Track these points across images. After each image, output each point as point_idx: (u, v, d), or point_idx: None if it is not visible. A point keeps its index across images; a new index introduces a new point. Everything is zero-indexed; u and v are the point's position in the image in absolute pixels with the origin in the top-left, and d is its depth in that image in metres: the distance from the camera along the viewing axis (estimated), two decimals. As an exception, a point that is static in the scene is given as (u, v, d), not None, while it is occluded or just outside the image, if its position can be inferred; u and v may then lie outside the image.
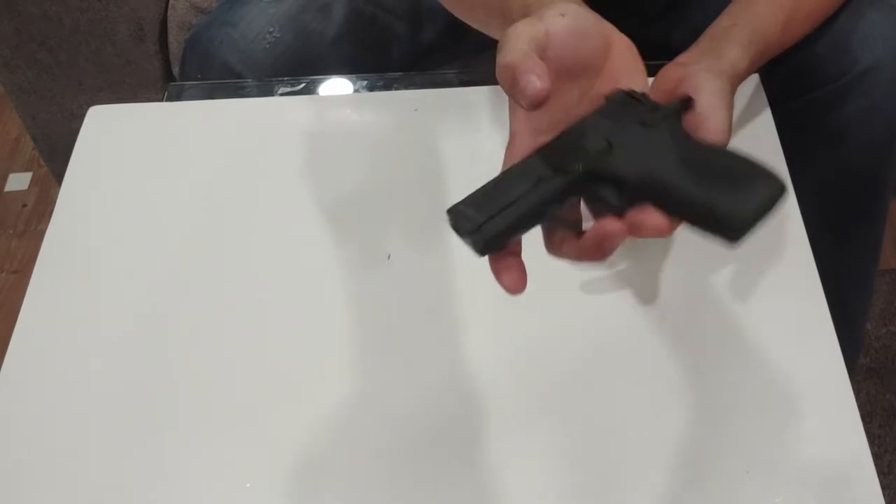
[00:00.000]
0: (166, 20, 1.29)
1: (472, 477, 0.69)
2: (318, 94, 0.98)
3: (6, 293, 1.66)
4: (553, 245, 0.54)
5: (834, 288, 0.79)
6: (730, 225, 0.47)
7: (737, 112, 0.90)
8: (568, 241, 0.53)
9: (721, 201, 0.47)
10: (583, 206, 0.54)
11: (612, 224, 0.50)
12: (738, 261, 0.79)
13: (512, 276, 0.52)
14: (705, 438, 0.70)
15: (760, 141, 0.87)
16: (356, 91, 0.98)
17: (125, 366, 0.77)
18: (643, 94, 0.54)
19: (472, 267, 0.80)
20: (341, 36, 1.02)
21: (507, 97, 0.54)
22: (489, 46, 0.87)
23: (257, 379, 0.75)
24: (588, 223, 0.53)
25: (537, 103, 0.49)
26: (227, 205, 0.87)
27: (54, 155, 1.45)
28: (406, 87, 0.98)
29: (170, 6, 1.28)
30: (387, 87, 0.98)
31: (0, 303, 1.65)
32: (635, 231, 0.50)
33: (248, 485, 0.69)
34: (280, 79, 0.98)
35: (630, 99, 0.53)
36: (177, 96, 1.00)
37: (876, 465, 0.67)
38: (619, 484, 0.68)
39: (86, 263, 0.83)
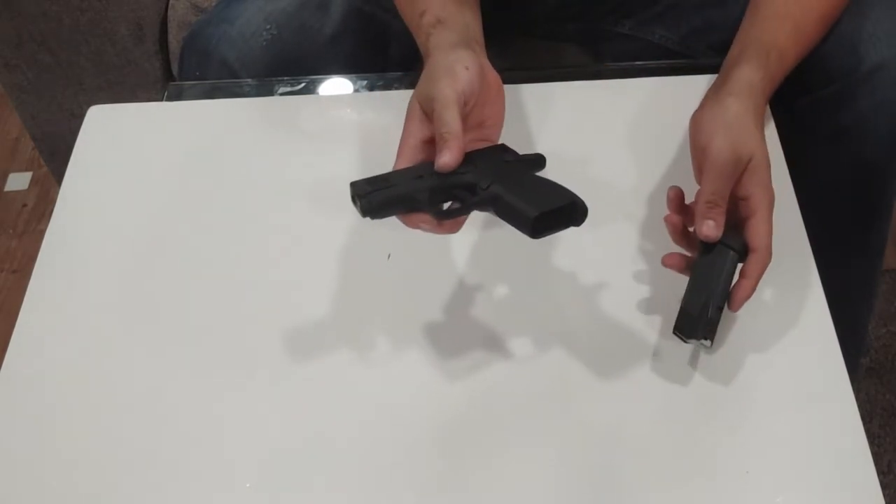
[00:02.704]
0: (166, 20, 1.29)
1: (471, 476, 0.69)
2: (318, 93, 0.98)
3: (6, 293, 1.66)
4: (411, 221, 0.71)
5: (839, 287, 0.78)
6: (523, 220, 0.67)
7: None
8: (428, 221, 0.70)
9: (522, 203, 0.67)
10: None
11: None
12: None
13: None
14: (705, 439, 0.70)
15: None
16: (356, 91, 0.97)
17: (125, 365, 0.76)
18: (511, 149, 0.76)
19: (472, 267, 0.81)
20: (339, 34, 1.02)
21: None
22: (487, 45, 0.87)
23: (257, 379, 0.75)
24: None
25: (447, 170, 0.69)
26: (227, 204, 0.87)
27: (54, 155, 1.45)
28: (406, 87, 0.98)
29: (170, 6, 1.27)
30: (387, 87, 0.97)
31: (0, 303, 1.65)
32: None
33: (247, 485, 0.69)
34: (280, 78, 0.98)
35: (502, 149, 0.76)
36: (176, 96, 1.00)
37: (876, 465, 0.67)
38: (620, 484, 0.68)
39: (86, 263, 0.83)
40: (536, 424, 0.71)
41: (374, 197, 0.67)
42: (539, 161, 0.77)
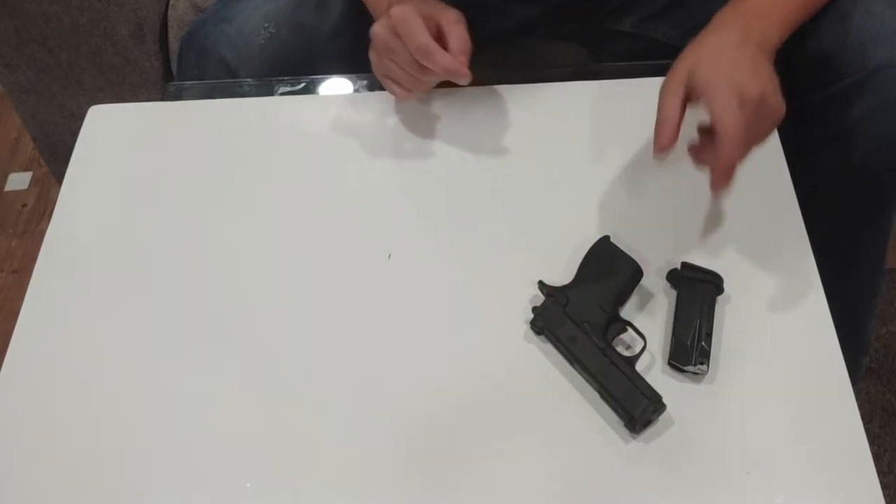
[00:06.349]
0: (166, 20, 1.29)
1: (471, 475, 0.69)
2: (318, 93, 0.98)
3: (6, 293, 1.66)
4: None
5: (842, 287, 0.78)
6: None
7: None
8: None
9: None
10: None
11: None
12: (739, 262, 0.79)
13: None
14: (705, 439, 0.70)
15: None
16: (356, 91, 0.97)
17: (125, 365, 0.77)
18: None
19: (472, 267, 0.81)
20: (338, 31, 1.02)
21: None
22: (488, 45, 0.87)
23: (258, 379, 0.75)
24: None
25: None
26: (227, 204, 0.87)
27: (54, 155, 1.45)
28: (406, 87, 0.98)
29: (170, 6, 1.28)
30: (387, 87, 0.97)
31: (0, 303, 1.65)
32: None
33: (248, 485, 0.70)
34: (280, 78, 0.98)
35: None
36: (176, 96, 1.00)
37: (876, 465, 0.67)
38: (620, 483, 0.68)
39: (86, 263, 0.84)
40: (536, 424, 0.71)
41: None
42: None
